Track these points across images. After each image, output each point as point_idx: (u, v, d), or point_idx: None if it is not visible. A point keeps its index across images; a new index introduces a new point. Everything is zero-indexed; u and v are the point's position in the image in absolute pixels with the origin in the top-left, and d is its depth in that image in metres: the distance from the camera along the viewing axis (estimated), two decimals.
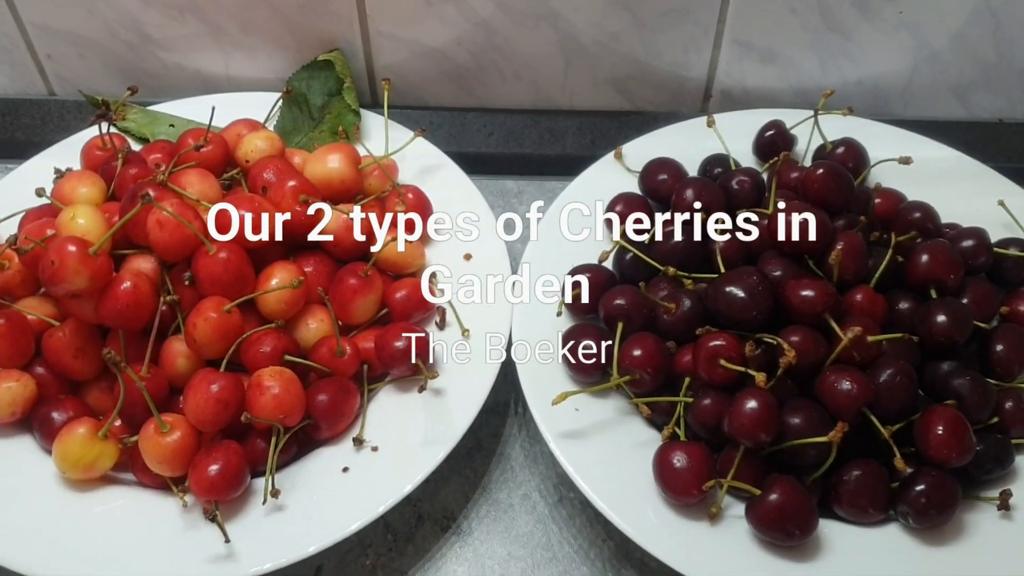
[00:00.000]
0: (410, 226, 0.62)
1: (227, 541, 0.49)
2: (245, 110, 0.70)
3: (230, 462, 0.51)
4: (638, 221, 0.61)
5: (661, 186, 0.63)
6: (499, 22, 0.70)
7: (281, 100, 0.70)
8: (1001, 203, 0.62)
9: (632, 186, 0.65)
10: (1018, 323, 0.56)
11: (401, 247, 0.60)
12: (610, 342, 0.55)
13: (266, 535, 0.51)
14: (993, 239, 0.59)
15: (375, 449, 0.54)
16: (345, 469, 0.53)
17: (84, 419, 0.54)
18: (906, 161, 0.61)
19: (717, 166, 0.65)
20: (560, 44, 0.71)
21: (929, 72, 0.71)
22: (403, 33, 0.71)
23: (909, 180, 0.63)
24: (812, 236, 0.53)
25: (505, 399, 0.61)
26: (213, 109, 0.65)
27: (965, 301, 0.55)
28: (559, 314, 0.58)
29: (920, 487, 0.48)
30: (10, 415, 0.55)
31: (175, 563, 0.50)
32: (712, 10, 0.68)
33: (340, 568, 0.54)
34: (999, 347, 0.54)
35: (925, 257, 0.55)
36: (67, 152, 0.67)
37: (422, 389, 0.55)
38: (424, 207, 0.63)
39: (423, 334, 0.56)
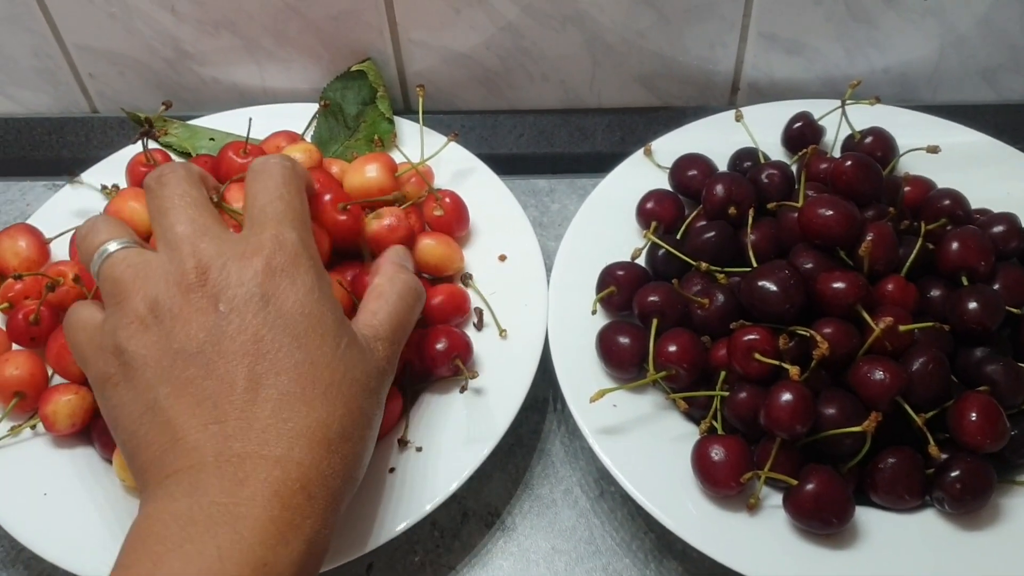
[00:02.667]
0: (447, 229, 0.64)
1: None
2: (282, 121, 0.71)
3: None
4: (670, 217, 0.63)
5: (691, 181, 0.64)
6: (526, 25, 0.71)
7: (317, 111, 0.72)
8: None
9: (663, 182, 0.66)
10: None
11: (438, 249, 0.62)
12: (645, 338, 0.56)
13: None
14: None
15: (419, 449, 0.56)
16: (391, 470, 0.55)
17: None
18: (934, 150, 0.62)
19: (747, 160, 0.65)
20: (587, 44, 0.72)
21: (956, 57, 0.72)
22: (433, 40, 0.72)
23: (939, 166, 0.63)
24: (841, 229, 0.54)
25: (544, 396, 0.63)
26: (250, 121, 0.67)
27: (996, 287, 0.55)
28: (594, 312, 0.59)
29: (955, 473, 0.49)
30: (70, 426, 0.57)
31: None
32: (737, 4, 0.69)
33: (390, 565, 0.56)
34: None
35: (955, 244, 0.56)
36: (112, 168, 0.69)
37: (463, 390, 0.56)
38: (460, 210, 0.64)
39: (463, 336, 0.58)
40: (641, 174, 0.67)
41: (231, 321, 0.43)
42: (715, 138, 0.68)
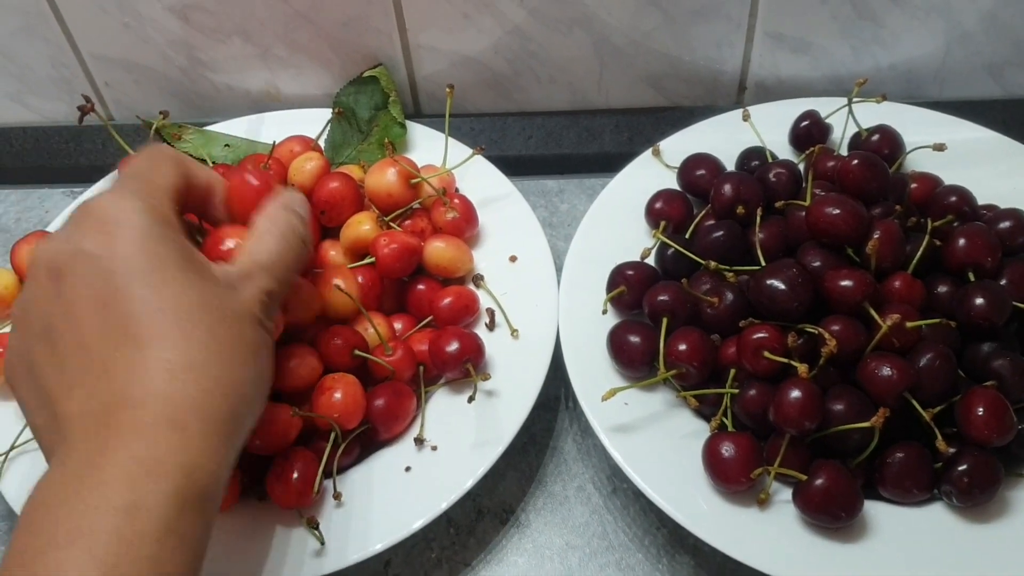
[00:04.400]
0: (457, 231, 0.65)
1: (323, 544, 0.53)
2: (296, 127, 0.73)
3: (308, 469, 0.54)
4: (679, 216, 0.63)
5: (699, 181, 0.65)
6: (533, 29, 0.72)
7: (330, 117, 0.73)
8: None
9: (671, 182, 0.66)
10: None
11: (448, 252, 0.63)
12: (655, 337, 0.57)
13: (336, 534, 0.53)
14: None
15: (435, 448, 0.57)
16: (407, 468, 0.56)
17: None
18: (940, 147, 0.62)
19: (754, 159, 0.66)
20: (594, 46, 0.73)
21: (962, 53, 0.72)
22: (442, 45, 0.73)
23: (946, 163, 0.64)
24: (848, 227, 0.55)
25: (556, 394, 0.63)
26: (274, 144, 0.68)
27: (1003, 283, 0.56)
28: (604, 312, 0.60)
29: (963, 467, 0.50)
30: None
31: (256, 566, 0.53)
32: (743, 4, 0.69)
33: (407, 562, 0.57)
34: None
35: (962, 241, 0.56)
36: None
37: (471, 398, 0.57)
38: (470, 213, 0.65)
39: (475, 338, 0.59)
40: (649, 174, 0.68)
41: (74, 286, 0.43)
42: (723, 137, 0.69)
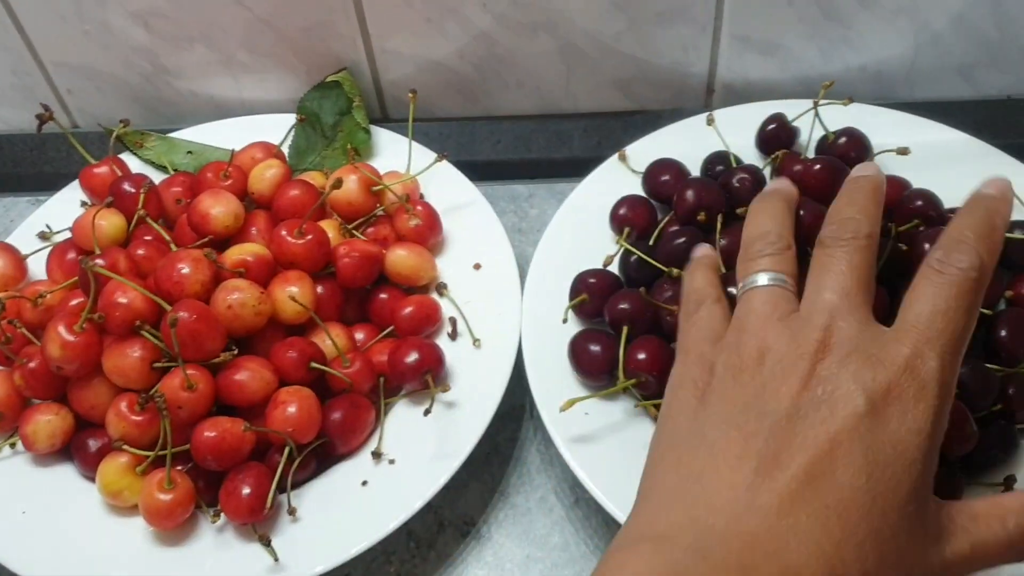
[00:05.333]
0: (420, 239, 0.64)
1: (276, 560, 0.52)
2: (260, 132, 0.72)
3: (261, 484, 0.53)
4: (642, 223, 0.63)
5: (664, 186, 0.64)
6: (499, 33, 0.71)
7: (294, 125, 0.72)
8: None
9: (638, 187, 0.66)
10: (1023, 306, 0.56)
11: (410, 260, 0.62)
12: (616, 346, 0.56)
13: (291, 550, 0.53)
14: None
15: (392, 462, 0.56)
16: (364, 483, 0.55)
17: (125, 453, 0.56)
18: (903, 151, 0.62)
19: (718, 164, 0.65)
20: (560, 51, 0.72)
21: (932, 54, 0.71)
22: (407, 49, 0.73)
23: (914, 165, 0.63)
24: (811, 232, 0.54)
25: (520, 403, 0.63)
26: (233, 152, 0.68)
27: None
28: (565, 321, 0.59)
29: None
30: (49, 446, 0.58)
31: None
32: (708, 7, 0.69)
33: None
34: (1003, 332, 0.54)
35: (928, 246, 0.55)
36: None
37: (428, 411, 0.56)
38: (433, 220, 0.65)
39: (434, 348, 0.58)
40: (616, 179, 0.67)
41: (820, 411, 0.39)
42: (691, 141, 0.68)
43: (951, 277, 0.41)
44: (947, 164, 0.65)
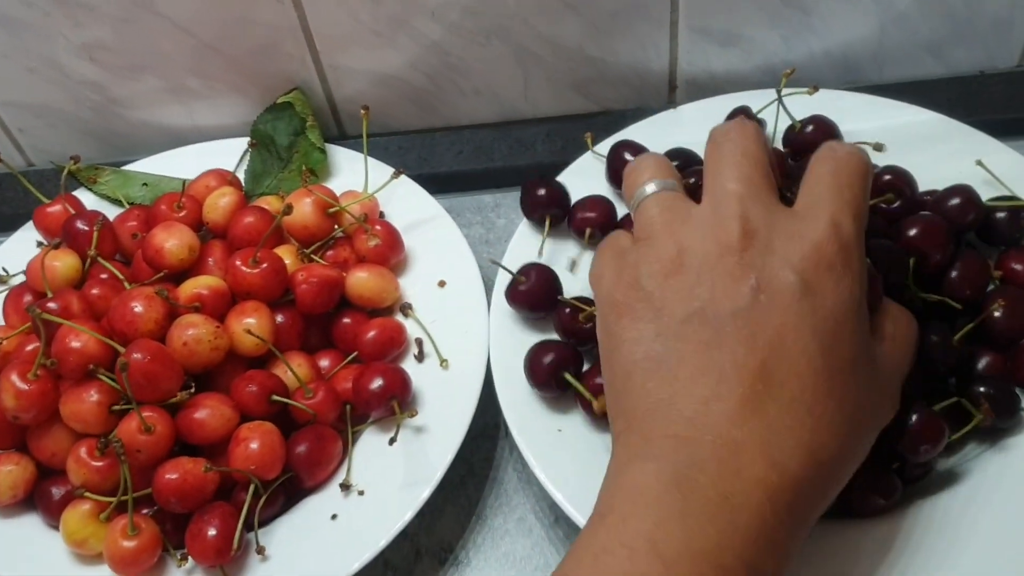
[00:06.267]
0: (381, 259, 0.62)
1: None
2: (216, 159, 0.71)
3: (226, 525, 0.52)
4: (602, 221, 0.61)
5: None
6: (450, 42, 0.69)
7: (248, 149, 0.71)
8: (979, 163, 0.60)
9: (602, 187, 0.64)
10: (1016, 283, 0.54)
11: (372, 282, 0.61)
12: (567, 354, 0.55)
13: None
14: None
15: (362, 493, 0.54)
16: (334, 516, 0.53)
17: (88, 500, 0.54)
18: (879, 148, 0.60)
19: (677, 159, 0.63)
20: (515, 56, 0.70)
21: (898, 34, 0.69)
22: (357, 64, 0.71)
23: (887, 149, 0.62)
24: None
25: (495, 421, 0.61)
26: (185, 183, 0.66)
27: (954, 274, 0.53)
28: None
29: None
30: (12, 497, 0.56)
31: None
32: (663, 2, 0.67)
33: None
34: (998, 314, 0.52)
35: (913, 232, 0.53)
36: None
37: (393, 439, 0.54)
38: (393, 238, 0.63)
39: (400, 373, 0.56)
40: (582, 182, 0.65)
41: (760, 302, 0.40)
42: (656, 139, 0.66)
43: (843, 159, 0.44)
44: (920, 146, 0.63)
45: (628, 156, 0.63)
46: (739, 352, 0.40)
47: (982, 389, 0.50)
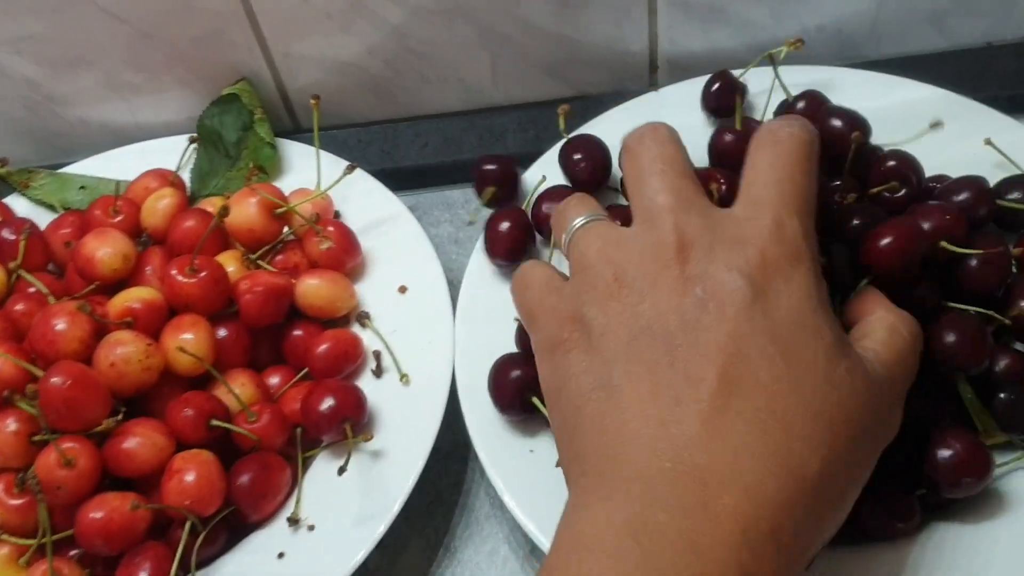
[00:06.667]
0: (335, 263, 0.57)
1: None
2: (160, 158, 0.65)
3: (159, 568, 0.46)
4: None
5: (578, 170, 0.57)
6: (408, 25, 0.63)
7: (193, 145, 0.65)
8: (988, 142, 0.55)
9: None
10: None
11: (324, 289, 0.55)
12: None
13: None
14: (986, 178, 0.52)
15: (312, 528, 0.49)
16: (281, 555, 0.48)
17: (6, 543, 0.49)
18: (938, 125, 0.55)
19: None
20: (480, 37, 0.64)
21: (896, 5, 0.64)
22: (310, 51, 0.65)
23: (888, 129, 0.55)
24: None
25: (464, 440, 0.54)
26: (117, 185, 0.60)
27: (974, 263, 0.47)
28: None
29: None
30: None
31: None
32: None
33: None
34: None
35: (927, 225, 0.47)
36: None
37: (342, 470, 0.49)
38: (347, 241, 0.57)
39: (353, 392, 0.51)
40: (557, 172, 0.59)
41: (709, 311, 0.37)
42: (637, 124, 0.60)
43: (783, 143, 0.41)
44: (924, 125, 0.57)
45: (578, 157, 0.57)
46: (694, 367, 0.36)
47: (1002, 396, 0.45)
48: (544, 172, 0.60)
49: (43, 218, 0.63)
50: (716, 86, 0.59)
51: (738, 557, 0.32)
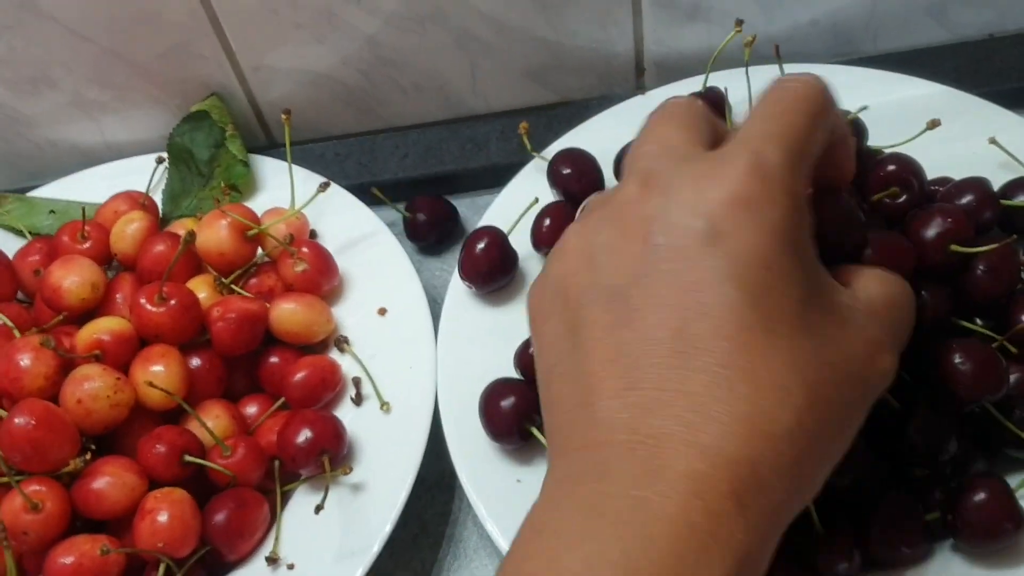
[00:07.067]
0: (311, 286, 0.54)
1: None
2: (131, 179, 0.63)
3: None
4: None
5: (568, 183, 0.55)
6: (382, 33, 0.61)
7: (162, 165, 0.63)
8: (992, 141, 0.52)
9: None
10: None
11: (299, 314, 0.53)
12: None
13: None
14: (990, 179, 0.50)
15: (291, 567, 0.46)
16: None
17: None
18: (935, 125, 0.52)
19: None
20: (457, 43, 0.62)
21: None
22: (280, 64, 0.63)
23: (886, 130, 0.53)
24: None
25: (450, 468, 0.52)
26: (84, 210, 0.58)
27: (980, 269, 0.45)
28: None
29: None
30: None
31: None
32: None
33: None
34: None
35: (930, 233, 0.45)
36: None
37: (319, 507, 0.47)
38: (323, 262, 0.55)
39: (331, 422, 0.49)
40: (542, 185, 0.57)
41: (664, 257, 0.34)
42: (624, 130, 0.57)
43: (789, 88, 0.37)
44: (924, 124, 0.55)
45: (567, 171, 0.55)
46: (649, 325, 0.33)
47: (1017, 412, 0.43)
48: (529, 185, 0.58)
49: (12, 245, 0.61)
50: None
51: (688, 518, 0.30)
